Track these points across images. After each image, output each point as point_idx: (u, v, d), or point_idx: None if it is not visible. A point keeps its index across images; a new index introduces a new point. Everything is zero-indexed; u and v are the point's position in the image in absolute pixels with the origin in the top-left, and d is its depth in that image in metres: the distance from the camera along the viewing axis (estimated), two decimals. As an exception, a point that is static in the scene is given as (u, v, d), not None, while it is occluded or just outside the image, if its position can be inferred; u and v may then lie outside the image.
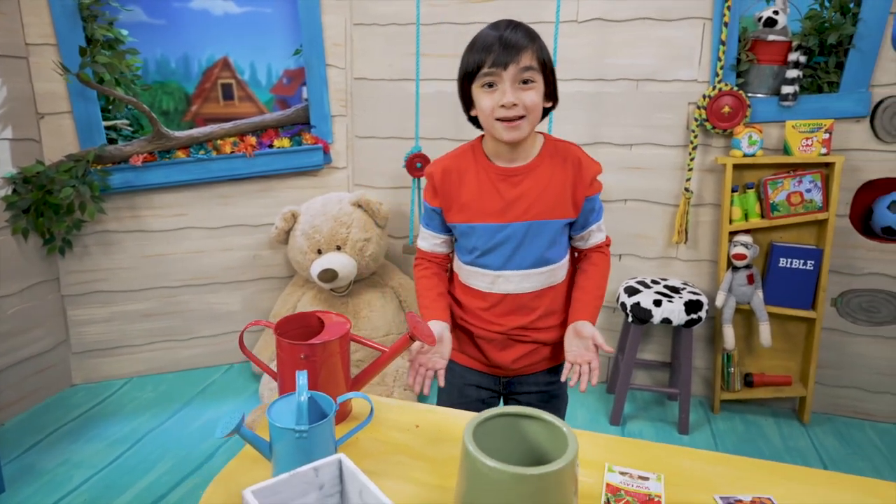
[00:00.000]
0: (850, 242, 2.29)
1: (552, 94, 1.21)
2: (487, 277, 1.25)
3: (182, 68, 2.81)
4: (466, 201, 1.23)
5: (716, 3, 2.20)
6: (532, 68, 1.13)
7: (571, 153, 1.24)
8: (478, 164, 1.24)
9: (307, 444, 0.83)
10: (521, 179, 1.20)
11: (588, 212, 1.25)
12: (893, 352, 2.35)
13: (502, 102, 1.13)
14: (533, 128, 1.18)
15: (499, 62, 1.12)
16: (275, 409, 0.88)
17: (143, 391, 2.54)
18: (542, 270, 1.25)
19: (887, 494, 0.89)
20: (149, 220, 2.52)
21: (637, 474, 0.92)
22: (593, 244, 1.29)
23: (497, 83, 1.14)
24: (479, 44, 1.17)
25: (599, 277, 1.28)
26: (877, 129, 2.19)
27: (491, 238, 1.22)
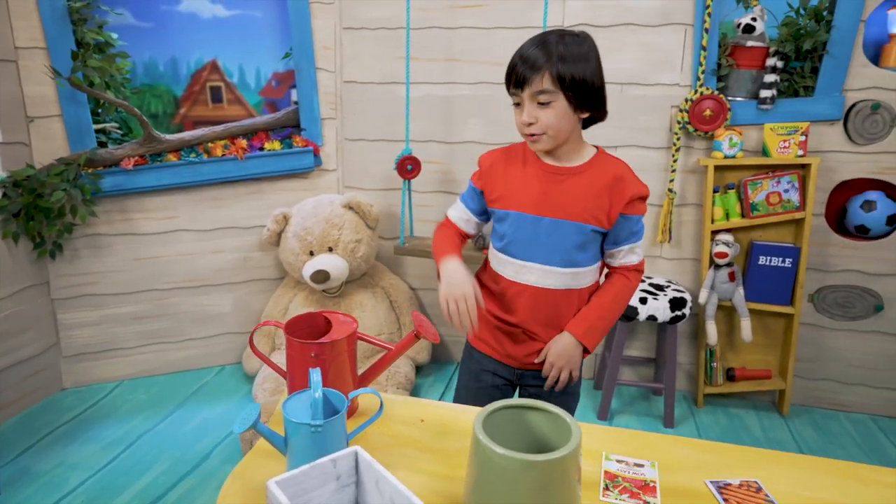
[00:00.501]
0: (826, 240, 2.38)
1: (589, 105, 1.21)
2: (513, 266, 1.30)
3: (170, 71, 2.82)
4: (507, 191, 1.30)
5: (697, 10, 2.28)
6: (546, 91, 1.16)
7: (617, 168, 1.27)
8: (526, 159, 1.30)
9: (321, 438, 0.87)
10: (564, 179, 1.25)
11: (622, 229, 1.26)
12: (866, 345, 2.44)
13: (522, 119, 1.21)
14: (557, 142, 1.22)
15: (518, 83, 1.19)
16: (289, 405, 0.91)
17: (135, 394, 2.55)
18: (566, 271, 1.27)
19: (862, 476, 0.96)
20: (140, 223, 2.53)
21: (633, 462, 0.97)
22: (622, 264, 1.31)
23: (520, 102, 1.21)
24: (510, 62, 1.22)
25: (612, 298, 1.30)
26: (850, 131, 2.28)
27: (522, 227, 1.28)
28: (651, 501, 0.88)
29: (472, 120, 2.60)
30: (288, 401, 0.92)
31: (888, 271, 2.36)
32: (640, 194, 1.26)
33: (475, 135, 2.61)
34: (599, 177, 1.24)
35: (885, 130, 2.25)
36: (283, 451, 0.92)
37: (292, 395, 0.94)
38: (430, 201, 2.72)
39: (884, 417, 2.49)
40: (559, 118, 1.19)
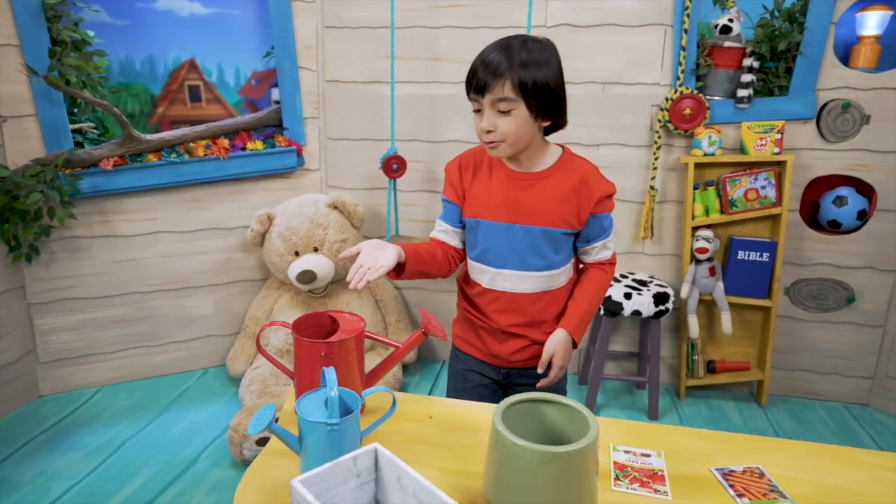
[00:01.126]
0: (800, 235, 2.46)
1: (550, 113, 1.20)
2: (488, 274, 1.31)
3: (147, 70, 2.77)
4: (476, 195, 1.30)
5: (676, 11, 2.33)
6: (506, 99, 1.14)
7: (583, 170, 1.26)
8: (492, 166, 1.30)
9: (337, 437, 0.88)
10: (529, 185, 1.25)
11: (593, 228, 1.28)
12: (839, 336, 2.53)
13: (481, 126, 1.19)
14: (516, 150, 1.21)
15: (478, 89, 1.16)
16: (302, 404, 0.91)
17: (116, 399, 2.50)
18: (541, 274, 1.28)
19: (858, 459, 1.00)
20: (119, 225, 2.48)
21: (640, 452, 1.00)
22: (597, 260, 1.33)
23: (480, 108, 1.19)
24: (471, 66, 1.19)
25: (595, 292, 1.32)
26: (822, 129, 2.36)
27: (493, 236, 1.28)
28: (661, 490, 0.91)
29: (456, 119, 2.61)
30: (302, 400, 0.92)
31: (859, 264, 2.45)
32: (608, 193, 1.26)
33: (459, 133, 2.62)
34: (566, 180, 1.24)
35: (854, 129, 2.34)
36: (297, 451, 0.91)
37: (305, 394, 0.94)
38: (415, 200, 2.72)
39: (855, 405, 2.58)
40: (519, 126, 1.17)
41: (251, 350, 2.57)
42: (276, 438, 1.00)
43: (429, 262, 1.33)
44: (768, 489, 0.91)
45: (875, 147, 2.34)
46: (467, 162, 1.33)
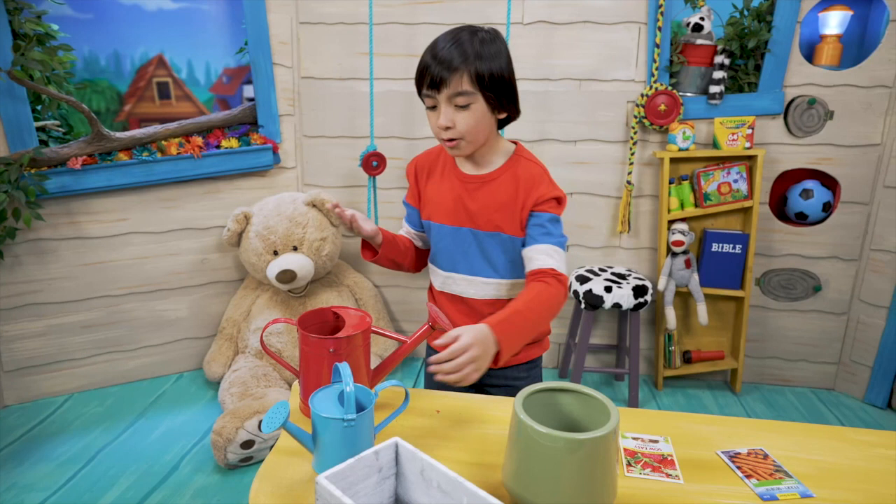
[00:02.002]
0: (770, 227, 2.54)
1: (505, 106, 1.17)
2: (439, 277, 1.30)
3: (113, 66, 2.68)
4: (430, 197, 1.29)
5: (650, 9, 2.37)
6: (464, 92, 1.10)
7: (529, 173, 1.21)
8: (445, 165, 1.28)
9: (353, 433, 0.87)
10: (476, 188, 1.22)
11: (533, 228, 1.19)
12: (807, 324, 2.63)
13: (439, 123, 1.14)
14: (475, 146, 1.18)
15: (433, 84, 1.11)
16: (315, 400, 0.90)
17: (87, 407, 2.41)
18: (489, 281, 1.25)
19: (848, 437, 1.04)
20: (87, 227, 2.39)
21: (647, 438, 1.01)
22: (537, 268, 1.16)
23: (436, 105, 1.14)
24: (424, 56, 1.14)
25: (529, 299, 1.11)
26: (789, 125, 2.44)
27: (443, 238, 1.27)
28: (672, 474, 0.93)
29: (434, 116, 2.61)
30: (314, 397, 0.91)
31: (825, 254, 2.54)
32: (551, 195, 1.18)
33: (437, 130, 2.62)
34: (511, 182, 1.20)
35: (819, 124, 2.43)
36: (310, 449, 0.90)
37: (318, 390, 0.92)
38: (393, 198, 2.71)
39: (822, 390, 2.68)
40: (478, 121, 1.13)
41: (229, 352, 2.51)
42: (284, 437, 0.98)
43: (403, 254, 1.35)
44: (773, 469, 0.94)
45: (838, 141, 2.43)
46: (423, 164, 1.32)
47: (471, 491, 0.73)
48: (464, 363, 0.98)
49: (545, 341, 1.36)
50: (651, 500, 0.87)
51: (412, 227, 1.38)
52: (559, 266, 1.16)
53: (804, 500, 0.88)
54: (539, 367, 1.37)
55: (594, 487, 0.78)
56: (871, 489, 0.90)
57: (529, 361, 1.35)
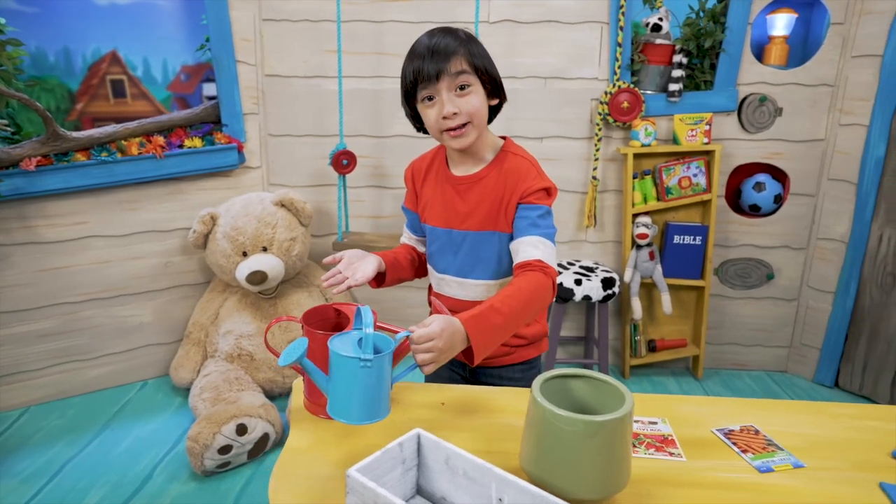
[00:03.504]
0: (727, 219, 2.66)
1: (496, 92, 1.19)
2: (434, 278, 1.32)
3: (63, 63, 2.57)
4: (426, 202, 1.30)
5: (612, 9, 2.45)
6: (464, 72, 1.11)
7: (515, 166, 1.20)
8: (438, 168, 1.28)
9: (369, 375, 0.86)
10: (466, 189, 1.22)
11: (520, 220, 1.17)
12: (761, 310, 2.77)
13: (443, 114, 1.12)
14: (480, 131, 1.17)
15: (430, 74, 1.10)
16: (335, 343, 0.90)
17: (47, 419, 2.30)
18: (478, 283, 1.24)
19: (830, 411, 1.11)
20: (43, 231, 2.28)
21: (647, 420, 1.06)
22: (521, 261, 1.14)
23: (435, 95, 1.13)
24: (411, 58, 1.15)
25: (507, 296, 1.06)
26: (743, 121, 2.56)
27: (436, 240, 1.28)
28: (675, 452, 0.97)
29: (402, 113, 2.59)
30: (333, 340, 0.91)
31: (776, 244, 2.68)
32: (539, 186, 1.17)
33: (405, 129, 2.59)
34: (499, 178, 1.20)
35: (770, 120, 2.56)
36: (324, 390, 0.90)
37: (337, 335, 0.92)
38: (362, 196, 2.70)
39: (776, 372, 2.83)
40: (480, 103, 1.14)
41: (197, 357, 2.45)
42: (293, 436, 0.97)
43: (407, 269, 1.35)
44: (766, 443, 1.00)
45: (787, 137, 2.57)
46: (418, 168, 1.32)
47: (500, 476, 0.75)
48: (423, 350, 0.94)
49: (543, 342, 1.35)
50: (660, 477, 0.91)
51: (413, 232, 1.37)
52: (546, 257, 1.13)
53: (797, 470, 0.94)
54: (537, 368, 1.35)
55: (612, 468, 0.81)
56: (855, 457, 0.97)
57: (525, 362, 1.33)
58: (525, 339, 1.30)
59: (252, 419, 2.02)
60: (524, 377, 1.31)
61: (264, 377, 2.37)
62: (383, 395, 0.90)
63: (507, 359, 1.31)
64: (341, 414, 0.88)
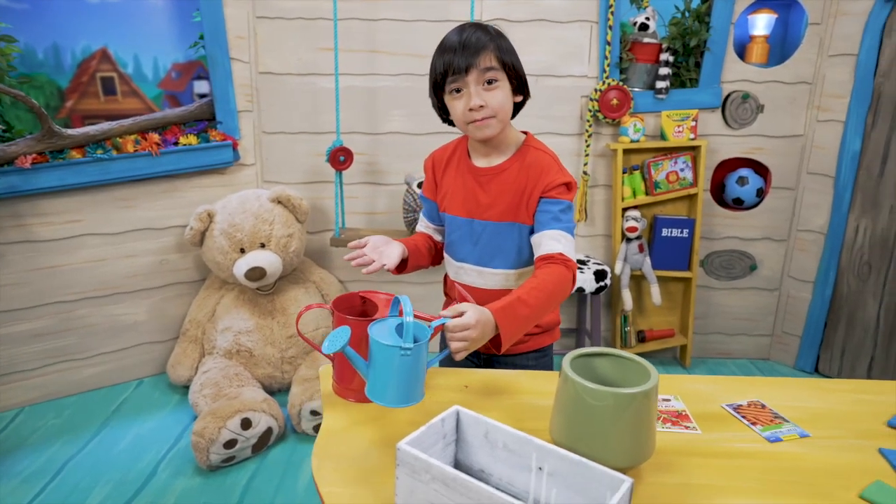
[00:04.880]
0: (712, 212, 2.75)
1: (521, 89, 1.24)
2: (452, 267, 1.35)
3: (52, 60, 2.55)
4: (447, 190, 1.33)
5: (601, 8, 2.51)
6: (493, 68, 1.16)
7: (538, 160, 1.24)
8: (459, 159, 1.32)
9: (407, 363, 0.91)
10: (488, 180, 1.26)
11: (542, 214, 1.21)
12: (744, 301, 2.87)
13: (470, 106, 1.16)
14: (504, 125, 1.21)
15: (460, 67, 1.15)
16: (374, 329, 0.95)
17: (43, 420, 2.28)
18: (497, 272, 1.28)
19: (825, 387, 1.19)
20: (38, 229, 2.26)
21: (661, 398, 1.11)
22: (544, 253, 1.18)
23: (463, 88, 1.17)
24: (441, 51, 1.19)
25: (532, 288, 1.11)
26: (727, 117, 2.66)
27: (455, 230, 1.32)
28: (690, 426, 1.03)
29: (396, 111, 2.64)
30: (373, 327, 0.95)
31: (759, 236, 2.78)
32: (561, 181, 1.22)
33: (399, 126, 2.65)
34: (521, 171, 1.24)
35: (752, 116, 2.65)
36: (364, 375, 0.95)
37: (375, 322, 0.97)
38: (357, 193, 2.72)
39: (759, 360, 2.94)
40: (505, 99, 1.18)
41: (194, 355, 2.45)
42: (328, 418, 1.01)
43: (425, 256, 1.39)
44: (773, 416, 1.06)
45: (769, 133, 2.67)
46: (440, 158, 1.36)
47: (540, 446, 0.80)
48: (459, 338, 0.99)
49: (555, 331, 1.39)
50: (679, 448, 0.97)
51: (430, 221, 1.40)
52: (567, 251, 1.18)
53: (803, 439, 1.00)
54: (549, 356, 1.39)
55: (640, 438, 0.86)
56: (855, 426, 1.04)
57: (539, 350, 1.37)
58: (539, 328, 1.34)
59: (256, 413, 2.04)
60: (537, 364, 1.35)
61: (263, 373, 2.38)
62: (419, 380, 0.95)
63: (522, 346, 1.35)
64: (380, 397, 0.93)
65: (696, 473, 0.91)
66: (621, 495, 0.69)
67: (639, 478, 0.90)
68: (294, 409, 2.16)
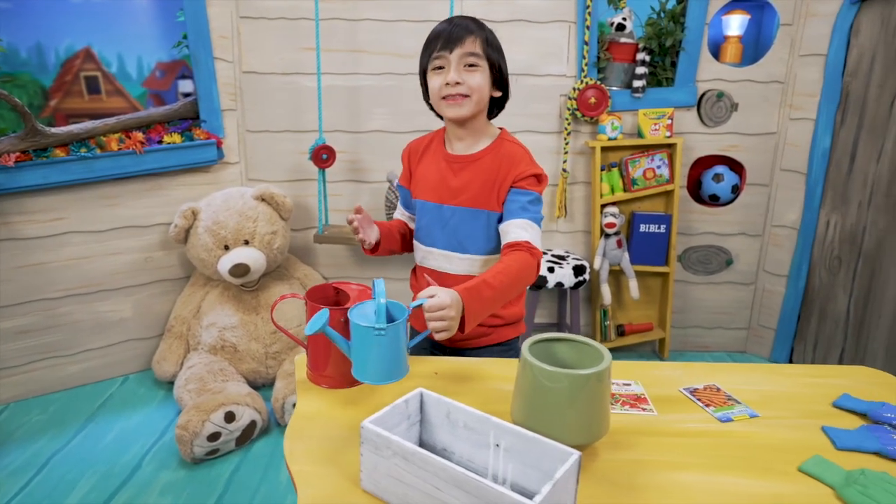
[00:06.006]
0: (689, 208, 2.81)
1: (501, 85, 1.31)
2: (420, 252, 1.40)
3: (35, 59, 2.57)
4: (419, 178, 1.38)
5: (578, 9, 2.57)
6: (476, 54, 1.23)
7: (511, 152, 1.29)
8: (436, 147, 1.37)
9: (385, 342, 0.97)
10: (461, 167, 1.31)
11: (511, 203, 1.25)
12: (721, 295, 2.93)
13: (447, 80, 1.23)
14: (478, 109, 1.26)
15: (446, 46, 1.23)
16: (354, 313, 1.00)
17: (28, 415, 2.30)
18: (464, 258, 1.32)
19: (782, 371, 1.24)
20: (22, 227, 2.29)
21: (622, 382, 1.16)
22: (510, 241, 1.23)
23: (445, 65, 1.24)
24: (432, 35, 1.27)
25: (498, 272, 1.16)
26: (702, 115, 2.72)
27: (425, 215, 1.36)
28: (647, 408, 1.08)
29: (379, 109, 2.69)
30: (353, 310, 1.01)
31: (734, 231, 2.85)
32: (531, 172, 1.26)
33: (382, 124, 2.70)
34: (495, 162, 1.28)
35: (727, 115, 2.72)
36: (347, 354, 1.02)
37: (357, 304, 1.02)
38: (340, 190, 2.76)
39: (736, 353, 3.00)
40: (484, 83, 1.25)
41: (180, 351, 2.48)
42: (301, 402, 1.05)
43: (398, 241, 1.44)
44: (726, 399, 1.12)
45: (743, 130, 2.73)
46: (416, 147, 1.41)
47: (497, 424, 0.84)
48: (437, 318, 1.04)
49: (520, 324, 1.44)
50: (635, 428, 1.02)
51: (406, 209, 1.46)
52: (533, 240, 1.23)
53: (752, 419, 1.06)
54: (515, 349, 1.43)
55: (594, 417, 0.91)
56: (802, 407, 1.09)
57: (504, 343, 1.42)
58: (503, 320, 1.39)
59: (240, 407, 2.07)
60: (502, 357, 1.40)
61: (248, 368, 2.41)
62: (399, 358, 1.00)
63: (486, 339, 1.40)
64: (363, 375, 1.00)
65: (649, 451, 0.96)
66: (568, 466, 0.74)
67: (594, 455, 0.95)
68: (277, 402, 2.20)
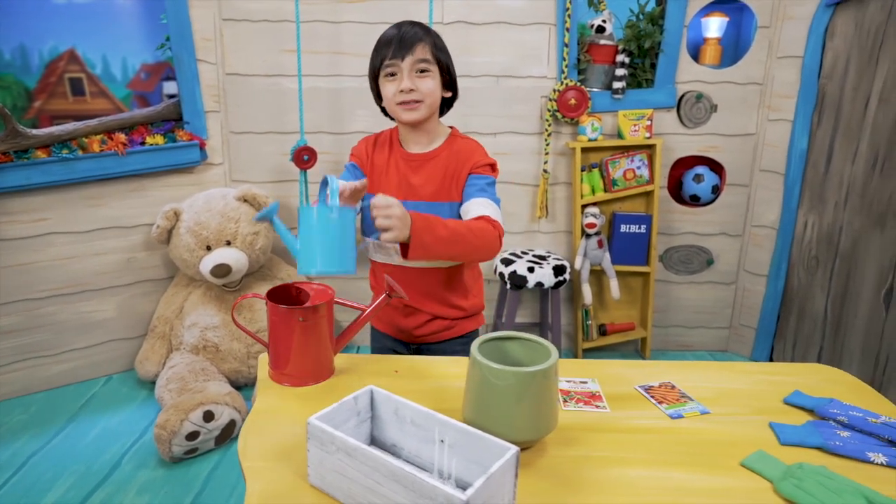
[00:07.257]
0: (669, 209, 2.84)
1: (451, 86, 1.36)
2: (377, 248, 1.40)
3: (19, 60, 2.59)
4: (377, 172, 1.40)
5: (558, 11, 2.59)
6: (427, 60, 1.28)
7: (466, 145, 1.37)
8: (391, 146, 1.41)
9: (334, 225, 0.98)
10: (419, 165, 1.36)
11: (470, 187, 1.32)
12: (702, 294, 2.96)
13: (401, 88, 1.27)
14: (431, 112, 1.32)
15: (397, 54, 1.26)
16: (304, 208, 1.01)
17: (10, 415, 2.32)
18: None
19: (740, 369, 1.26)
20: (3, 228, 2.30)
21: (578, 380, 1.18)
22: (472, 217, 1.28)
23: (397, 72, 1.28)
24: (382, 41, 1.31)
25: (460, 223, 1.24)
26: (682, 116, 2.74)
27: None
28: (601, 405, 1.10)
29: (361, 111, 2.71)
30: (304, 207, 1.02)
31: (715, 231, 2.87)
32: (486, 161, 1.35)
33: (364, 125, 2.72)
34: (452, 156, 1.35)
35: (706, 116, 2.74)
36: (292, 249, 1.03)
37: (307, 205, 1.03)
38: (323, 191, 2.78)
39: (717, 352, 3.03)
40: (436, 87, 1.30)
41: (162, 351, 2.50)
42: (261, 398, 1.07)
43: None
44: (679, 396, 1.14)
45: (722, 131, 2.75)
46: (371, 139, 1.44)
47: (441, 420, 0.86)
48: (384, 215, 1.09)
49: (479, 316, 1.49)
50: (586, 425, 1.04)
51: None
52: (494, 215, 1.28)
53: (703, 416, 1.08)
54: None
55: (541, 413, 0.93)
56: (754, 404, 1.11)
57: (464, 335, 1.47)
58: (464, 312, 1.44)
59: (219, 406, 2.09)
60: (464, 350, 1.42)
61: (230, 368, 2.43)
62: (348, 247, 1.00)
63: (448, 333, 1.45)
64: (308, 265, 0.99)
65: (598, 447, 0.98)
66: (503, 462, 0.76)
67: (543, 451, 0.97)
68: (257, 401, 2.21)
